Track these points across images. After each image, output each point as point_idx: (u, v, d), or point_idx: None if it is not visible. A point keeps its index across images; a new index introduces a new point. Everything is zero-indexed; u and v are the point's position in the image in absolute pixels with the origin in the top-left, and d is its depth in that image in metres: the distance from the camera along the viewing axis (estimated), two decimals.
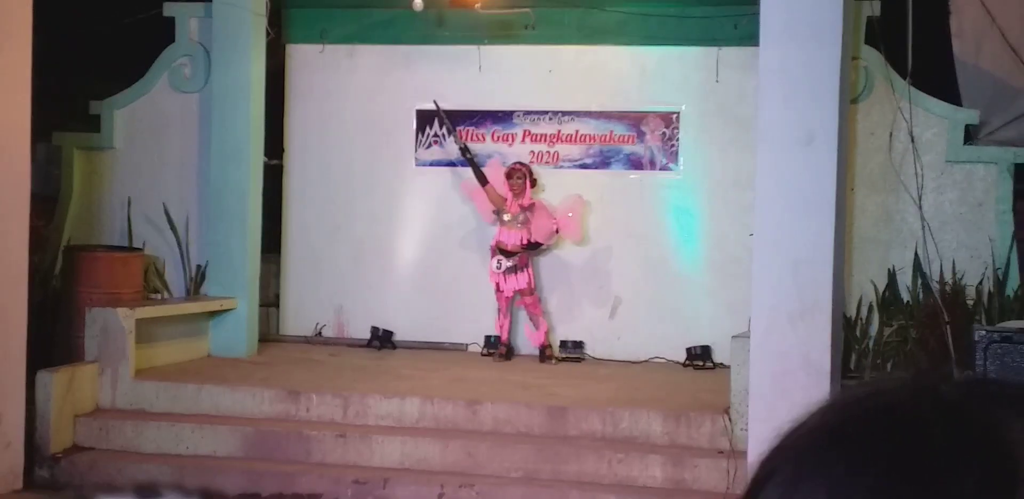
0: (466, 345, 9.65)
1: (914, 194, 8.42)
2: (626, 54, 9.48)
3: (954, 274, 8.39)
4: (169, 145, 9.77)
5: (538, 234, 9.03)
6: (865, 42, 8.54)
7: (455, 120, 9.60)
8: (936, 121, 8.60)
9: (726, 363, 7.93)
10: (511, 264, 9.05)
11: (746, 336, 6.82)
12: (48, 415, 7.23)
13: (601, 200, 9.47)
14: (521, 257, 9.08)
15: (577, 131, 9.57)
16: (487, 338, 9.48)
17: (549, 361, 9.16)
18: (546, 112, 9.61)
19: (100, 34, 9.95)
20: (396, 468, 7.02)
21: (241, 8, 8.98)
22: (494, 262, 9.09)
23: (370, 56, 9.89)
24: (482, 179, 9.23)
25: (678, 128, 9.41)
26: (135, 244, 9.52)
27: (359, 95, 9.89)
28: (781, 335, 6.55)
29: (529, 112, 9.64)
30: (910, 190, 8.46)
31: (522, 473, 6.90)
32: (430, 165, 9.82)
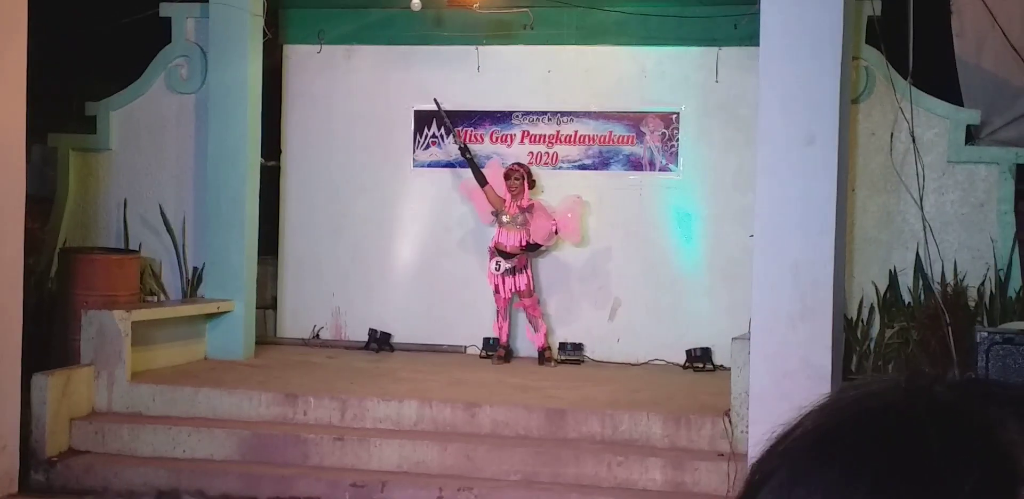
0: (464, 347, 9.62)
1: (915, 195, 8.39)
2: (625, 54, 9.44)
3: (956, 275, 8.35)
4: (165, 147, 9.73)
5: (537, 235, 8.99)
6: (866, 42, 8.50)
7: (453, 121, 9.57)
8: (937, 121, 8.56)
9: (726, 365, 7.91)
10: (510, 266, 9.01)
11: (746, 338, 6.80)
12: (44, 418, 7.20)
13: (600, 201, 9.43)
14: (520, 259, 9.05)
15: (576, 132, 9.54)
16: (486, 340, 9.45)
17: (548, 363, 9.12)
18: (545, 113, 9.57)
19: (96, 35, 9.92)
20: (394, 471, 7.00)
21: (238, 8, 8.95)
22: (493, 264, 9.05)
23: (368, 57, 9.86)
24: (481, 180, 9.19)
25: (678, 128, 9.38)
26: (131, 246, 9.49)
27: (357, 96, 9.85)
28: (781, 337, 6.52)
29: (528, 113, 9.60)
30: (911, 191, 8.42)
31: (521, 476, 6.87)
32: (428, 166, 9.79)
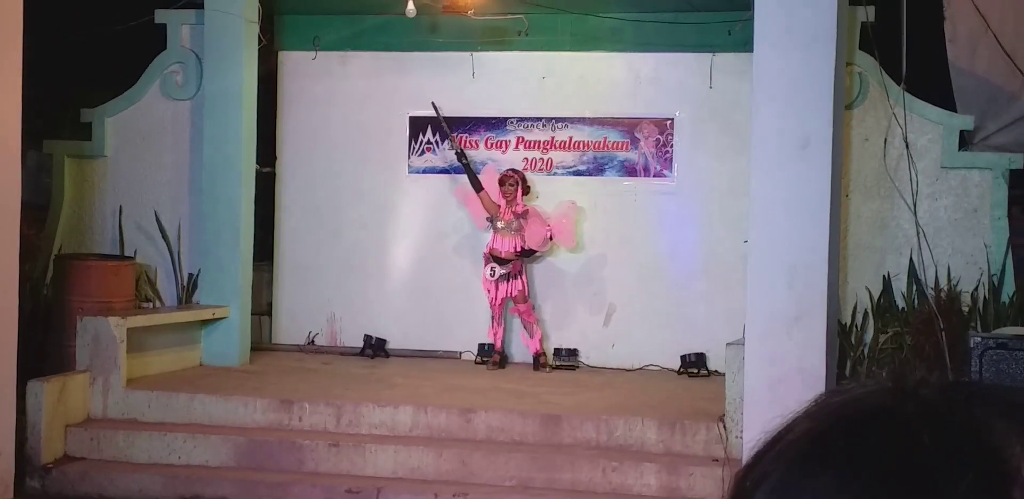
0: (459, 353, 9.62)
1: (909, 200, 8.40)
2: (620, 60, 9.46)
3: (949, 280, 8.37)
4: (161, 153, 9.73)
5: (531, 241, 9.00)
6: (859, 48, 8.52)
7: (449, 126, 9.57)
8: (931, 127, 8.58)
9: (721, 370, 7.92)
10: (504, 271, 9.02)
11: (741, 343, 6.81)
12: (39, 425, 7.19)
13: (595, 207, 9.44)
14: (514, 264, 9.05)
15: (571, 138, 9.55)
16: (481, 346, 9.45)
17: (543, 369, 9.13)
18: (539, 119, 9.59)
19: (92, 41, 9.91)
20: (389, 477, 6.99)
21: (233, 15, 8.96)
22: (487, 270, 9.06)
23: (363, 63, 9.87)
24: (477, 185, 9.20)
25: (672, 134, 9.39)
26: (126, 252, 9.49)
27: (352, 102, 9.86)
28: (776, 342, 6.53)
29: (522, 119, 9.61)
30: (905, 196, 8.44)
31: (516, 481, 6.87)
32: (423, 172, 9.79)
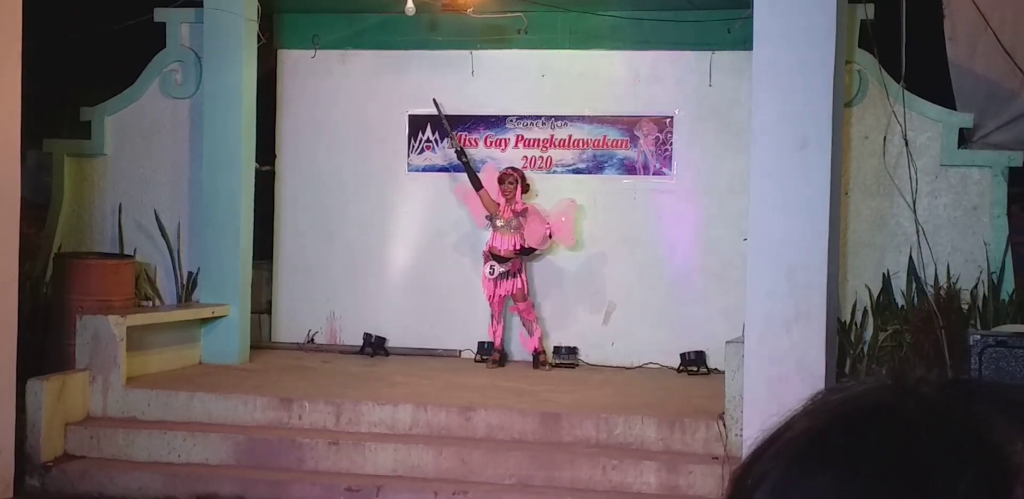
0: (459, 351, 9.62)
1: (908, 198, 8.40)
2: (619, 58, 9.45)
3: (949, 278, 8.36)
4: (160, 151, 9.73)
5: (531, 239, 9.00)
6: (859, 46, 8.51)
7: (449, 124, 9.57)
8: (930, 125, 8.58)
9: (720, 368, 7.92)
10: (503, 270, 9.02)
11: (740, 341, 6.81)
12: (39, 423, 7.19)
13: (595, 205, 9.44)
14: (514, 263, 9.05)
15: (570, 136, 9.55)
16: (480, 344, 9.45)
17: (543, 367, 9.13)
18: (539, 117, 9.58)
19: (91, 40, 9.90)
20: (389, 475, 6.99)
21: (232, 13, 8.95)
22: (487, 268, 9.06)
23: (362, 61, 9.86)
24: (477, 184, 9.20)
25: (672, 132, 9.39)
26: (126, 251, 9.48)
27: (351, 100, 9.86)
28: (775, 340, 6.54)
29: (522, 117, 9.61)
30: (904, 194, 8.44)
31: (516, 480, 6.87)
32: (423, 170, 9.79)
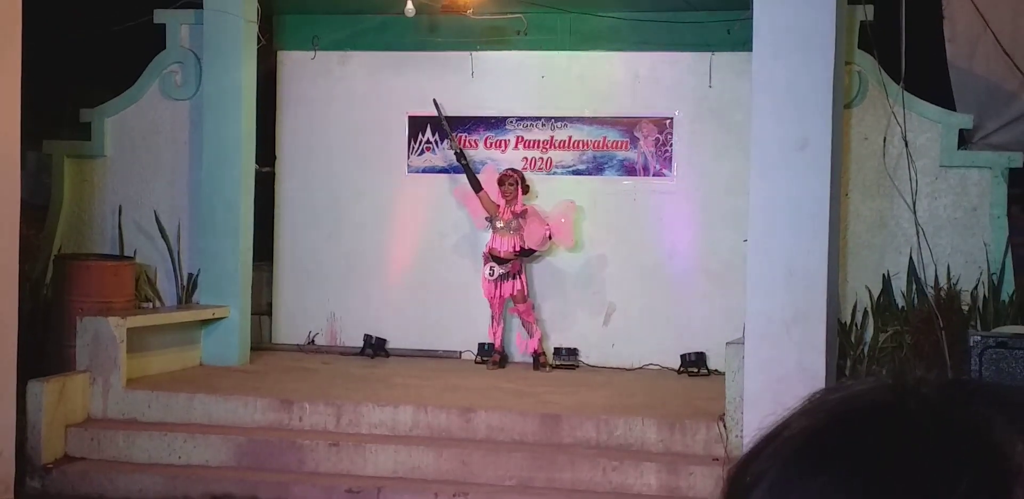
0: (459, 353, 9.62)
1: (908, 199, 8.41)
2: (619, 59, 9.46)
3: (949, 279, 8.37)
4: (160, 153, 9.73)
5: (530, 240, 9.00)
6: (858, 47, 8.52)
7: (449, 125, 9.57)
8: (930, 126, 8.58)
9: (721, 370, 7.92)
10: (503, 271, 9.02)
11: (741, 342, 6.81)
12: (39, 425, 7.19)
13: (594, 206, 9.44)
14: (514, 264, 9.05)
15: (570, 137, 9.55)
16: (481, 346, 9.45)
17: (543, 368, 9.13)
18: (539, 118, 9.58)
19: (91, 41, 9.91)
20: (389, 477, 6.99)
21: (232, 15, 8.95)
22: (486, 269, 9.06)
23: (362, 62, 9.87)
24: (476, 185, 9.20)
25: (671, 134, 9.39)
26: (126, 252, 9.48)
27: (351, 102, 9.86)
28: (776, 341, 6.54)
29: (522, 118, 9.61)
30: (904, 195, 8.44)
31: (516, 481, 6.87)
32: (422, 172, 9.79)
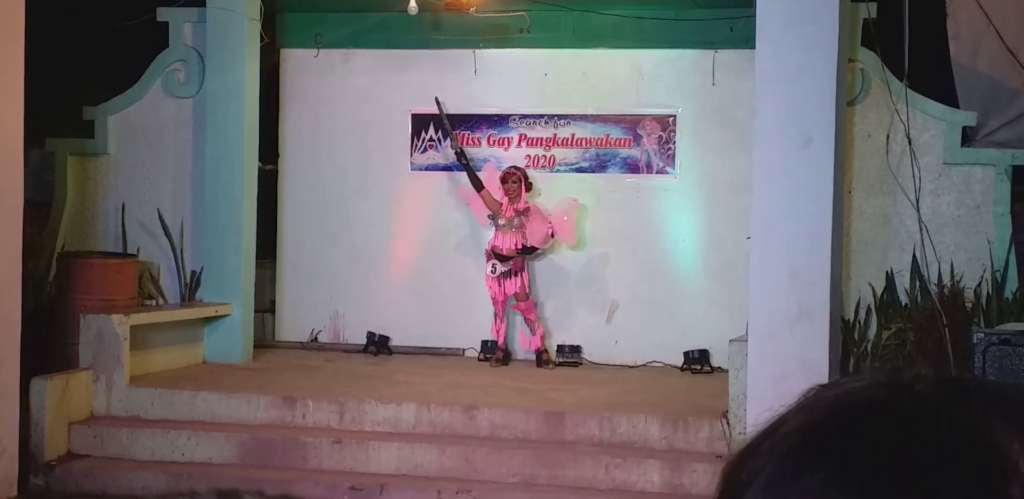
0: (463, 350, 9.62)
1: (912, 196, 8.40)
2: (622, 57, 9.45)
3: (952, 276, 8.36)
4: (163, 151, 9.73)
5: (533, 238, 9.00)
6: (862, 44, 8.51)
7: (451, 124, 9.57)
8: (933, 123, 8.57)
9: (724, 367, 7.91)
10: (505, 269, 9.02)
11: (744, 340, 6.81)
12: (43, 422, 7.20)
13: (597, 204, 9.44)
14: (516, 261, 9.05)
15: (573, 135, 9.55)
16: (484, 343, 9.45)
17: (546, 366, 9.13)
18: (542, 116, 9.58)
19: (94, 39, 9.91)
20: (393, 474, 7.00)
21: (235, 13, 8.96)
22: (489, 267, 9.06)
23: (365, 60, 9.87)
24: (478, 184, 9.20)
25: (675, 131, 9.38)
26: (129, 250, 9.49)
27: (354, 99, 9.86)
28: (779, 339, 6.54)
29: (525, 116, 9.61)
30: (908, 192, 8.43)
31: (519, 478, 6.87)
32: (425, 169, 9.79)
